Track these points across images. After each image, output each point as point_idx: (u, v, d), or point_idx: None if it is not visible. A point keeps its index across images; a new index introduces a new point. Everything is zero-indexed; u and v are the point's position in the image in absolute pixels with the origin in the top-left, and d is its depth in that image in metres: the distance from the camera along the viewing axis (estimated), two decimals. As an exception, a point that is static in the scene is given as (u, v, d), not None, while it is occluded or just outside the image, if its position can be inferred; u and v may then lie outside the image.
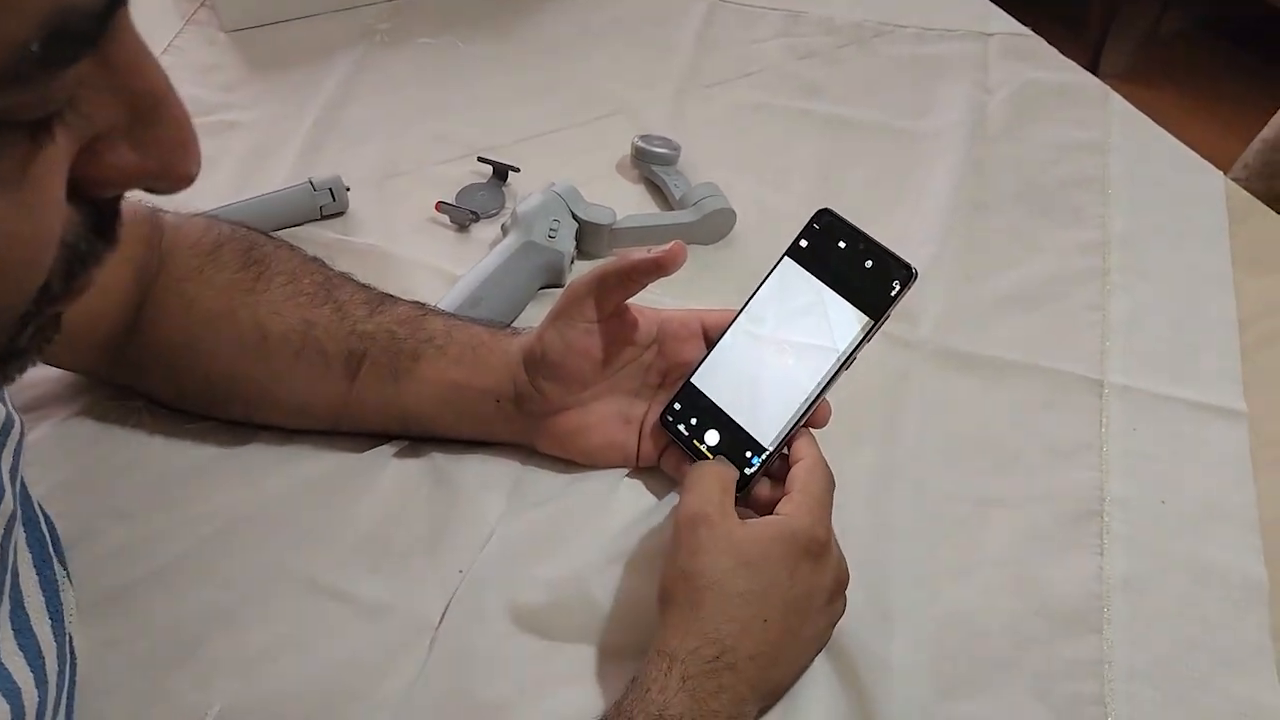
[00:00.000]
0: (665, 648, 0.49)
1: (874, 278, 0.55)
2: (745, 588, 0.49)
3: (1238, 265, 0.79)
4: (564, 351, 0.58)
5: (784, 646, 0.51)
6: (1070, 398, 0.70)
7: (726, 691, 0.48)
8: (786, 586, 0.50)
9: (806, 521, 0.51)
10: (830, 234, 0.57)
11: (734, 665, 0.48)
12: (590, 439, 0.61)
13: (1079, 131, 0.91)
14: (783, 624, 0.50)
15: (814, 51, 0.98)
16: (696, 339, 0.61)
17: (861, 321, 0.55)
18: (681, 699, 0.47)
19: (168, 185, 0.32)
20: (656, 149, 0.82)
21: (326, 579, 0.56)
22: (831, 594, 0.53)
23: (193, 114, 0.32)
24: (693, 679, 0.47)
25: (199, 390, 0.61)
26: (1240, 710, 0.55)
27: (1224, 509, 0.64)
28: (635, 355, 0.61)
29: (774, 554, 0.50)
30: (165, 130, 0.31)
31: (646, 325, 0.61)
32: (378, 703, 0.52)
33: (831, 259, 0.56)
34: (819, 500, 0.53)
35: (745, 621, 0.49)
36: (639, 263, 0.56)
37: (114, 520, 0.57)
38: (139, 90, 0.30)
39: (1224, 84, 2.18)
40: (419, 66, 0.93)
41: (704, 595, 0.49)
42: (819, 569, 0.52)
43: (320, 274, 0.62)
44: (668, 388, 0.62)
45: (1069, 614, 0.58)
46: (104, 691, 0.51)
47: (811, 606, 0.52)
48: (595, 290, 0.58)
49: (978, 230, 0.81)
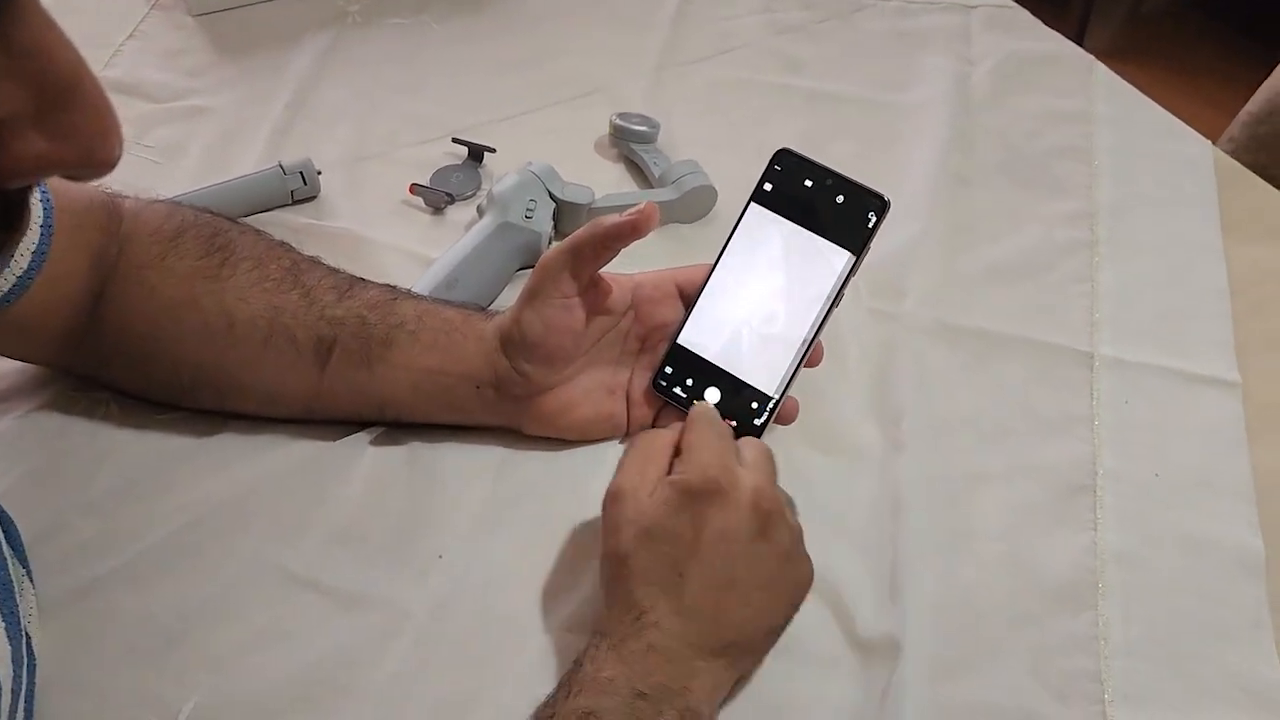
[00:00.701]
0: (599, 625, 0.49)
1: (847, 212, 0.54)
2: (653, 551, 0.49)
3: (1227, 233, 0.78)
4: (543, 331, 0.57)
5: (718, 597, 0.49)
6: (1060, 371, 0.68)
7: (657, 650, 0.47)
8: (692, 538, 0.49)
9: (695, 469, 0.50)
10: (794, 174, 0.56)
11: (658, 624, 0.48)
12: (577, 414, 0.60)
13: (1064, 102, 0.89)
14: (704, 575, 0.48)
15: (794, 26, 0.96)
16: (672, 299, 0.60)
17: (843, 258, 0.55)
18: (611, 661, 0.47)
19: (88, 173, 0.31)
20: (635, 127, 0.80)
21: (303, 569, 0.54)
22: (759, 529, 0.49)
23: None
24: (619, 644, 0.47)
25: (165, 380, 0.60)
26: (1238, 683, 0.54)
27: (1218, 480, 0.63)
28: (613, 324, 0.60)
29: (671, 510, 0.49)
30: (80, 116, 0.29)
31: (621, 292, 0.59)
32: (359, 693, 0.50)
33: (800, 199, 0.56)
34: (703, 445, 0.52)
35: (660, 583, 0.48)
36: (613, 227, 0.55)
37: (82, 514, 0.55)
38: (47, 75, 0.28)
39: (1208, 60, 2.17)
40: (391, 48, 0.91)
41: (620, 570, 0.49)
42: (725, 509, 0.49)
43: (287, 258, 0.60)
44: (648, 352, 0.61)
45: (1063, 590, 0.57)
46: (71, 691, 0.49)
47: (732, 549, 0.49)
48: (570, 263, 0.56)
49: (963, 203, 0.79)
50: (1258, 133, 1.19)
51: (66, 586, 0.52)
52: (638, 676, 0.46)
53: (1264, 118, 1.18)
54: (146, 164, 0.78)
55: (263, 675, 0.51)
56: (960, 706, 0.52)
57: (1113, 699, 0.53)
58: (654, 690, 0.46)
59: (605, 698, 0.45)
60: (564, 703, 0.46)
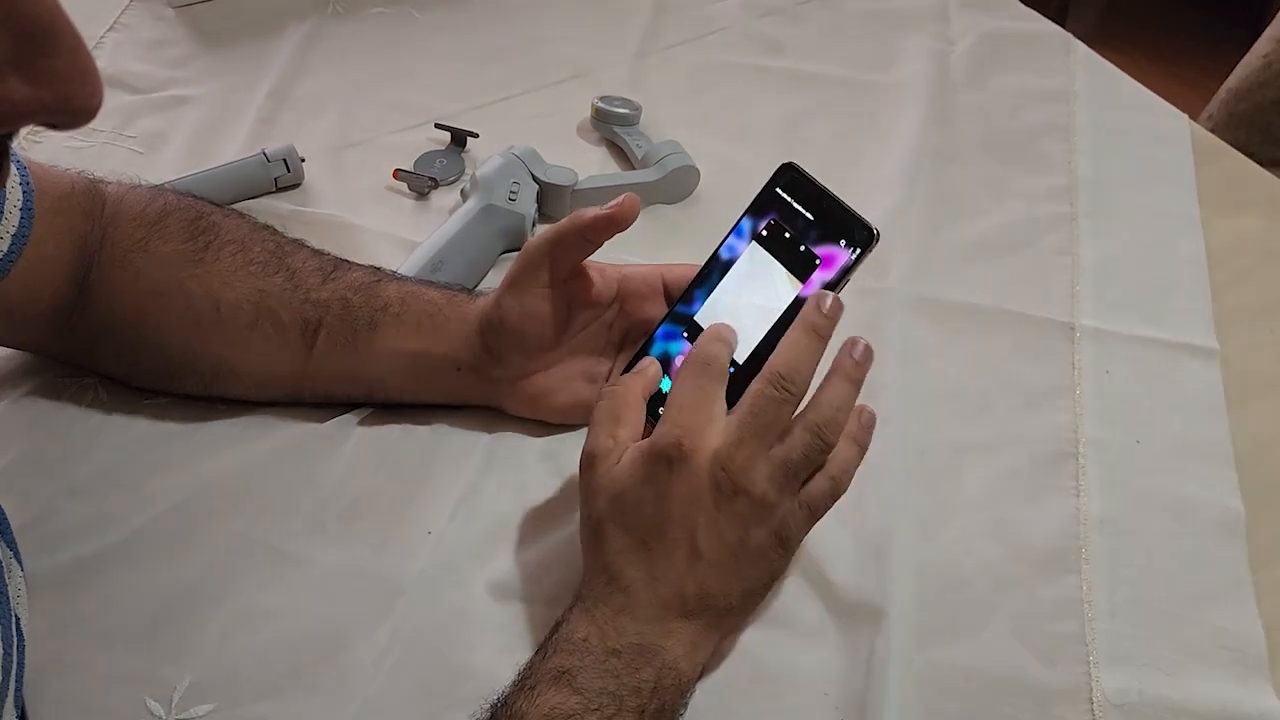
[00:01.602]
0: (577, 594, 0.50)
1: (838, 238, 0.52)
2: (621, 516, 0.49)
3: (1205, 205, 0.79)
4: (522, 318, 0.57)
5: (687, 562, 0.48)
6: (1042, 342, 0.69)
7: (627, 613, 0.48)
8: (654, 503, 0.48)
9: (661, 433, 0.49)
10: (794, 191, 0.54)
11: (628, 588, 0.48)
12: (557, 400, 0.60)
13: (1043, 79, 0.90)
14: (666, 541, 0.48)
15: (775, 9, 0.97)
16: (658, 296, 0.60)
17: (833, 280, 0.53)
18: (584, 623, 0.48)
19: (67, 119, 0.31)
20: (617, 109, 0.80)
21: (293, 546, 0.55)
22: (723, 494, 0.48)
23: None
24: (591, 607, 0.48)
25: (152, 365, 0.60)
26: (1221, 642, 0.55)
27: (1198, 446, 0.63)
28: (596, 315, 0.60)
29: (637, 476, 0.49)
30: (59, 60, 0.29)
31: (606, 284, 0.59)
32: (350, 668, 0.51)
33: (794, 218, 0.54)
34: (680, 401, 0.49)
35: (626, 548, 0.49)
36: (594, 219, 0.55)
37: (71, 496, 0.56)
38: (24, 18, 0.28)
39: (1187, 44, 2.19)
40: (373, 36, 0.91)
41: (594, 535, 0.50)
42: (685, 474, 0.48)
43: (271, 241, 0.60)
44: (631, 346, 0.61)
45: (1048, 556, 0.58)
46: (63, 671, 0.49)
47: (696, 514, 0.48)
48: (551, 253, 0.56)
49: (945, 179, 0.80)
50: (1236, 110, 1.20)
51: (56, 568, 0.53)
52: (610, 636, 0.47)
53: (1243, 95, 1.19)
54: (130, 154, 0.78)
55: (255, 652, 0.51)
56: (946, 671, 0.53)
57: (1098, 661, 0.54)
58: (627, 649, 0.47)
59: (578, 656, 0.46)
60: (540, 664, 0.46)
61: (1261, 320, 0.72)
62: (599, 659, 0.46)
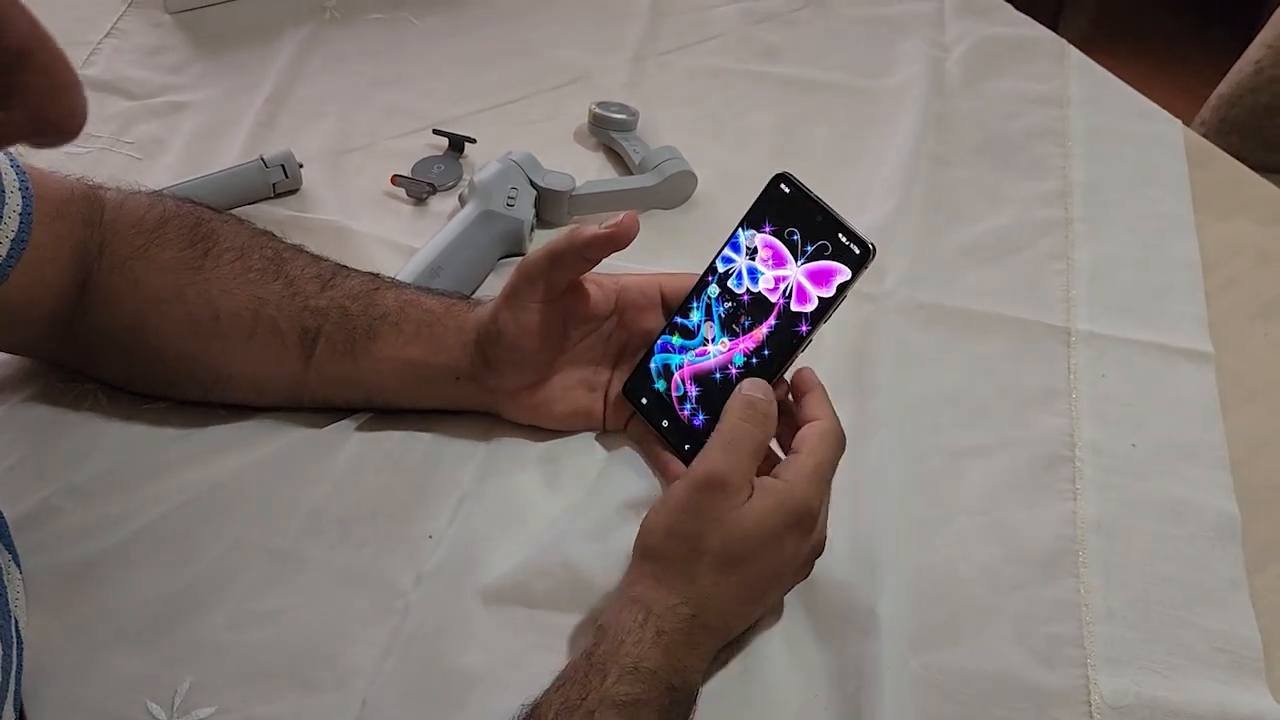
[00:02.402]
0: (641, 597, 0.48)
1: (833, 254, 0.52)
2: (736, 556, 0.49)
3: (1199, 210, 0.79)
4: (519, 332, 0.57)
5: (752, 604, 0.52)
6: (1038, 346, 0.69)
7: (698, 647, 0.49)
8: (772, 556, 0.50)
9: (806, 492, 0.50)
10: (788, 204, 0.54)
11: (708, 626, 0.49)
12: (554, 408, 0.60)
13: (1037, 85, 0.90)
14: (757, 588, 0.51)
15: (771, 15, 0.97)
16: (656, 308, 0.60)
17: (814, 302, 0.53)
18: (656, 653, 0.47)
19: (48, 140, 0.31)
20: (614, 115, 0.81)
21: (293, 549, 0.55)
22: (807, 560, 0.53)
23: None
24: (668, 634, 0.47)
25: (152, 371, 0.60)
26: (1217, 645, 0.55)
27: (1193, 449, 0.64)
28: (595, 327, 0.60)
29: (769, 525, 0.49)
30: (38, 82, 0.29)
31: (605, 296, 0.59)
32: (351, 671, 0.51)
33: (789, 231, 0.54)
34: (823, 468, 0.51)
35: (726, 585, 0.49)
36: (592, 238, 0.55)
37: (70, 499, 0.56)
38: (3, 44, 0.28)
39: (1179, 49, 2.19)
40: (370, 42, 0.91)
41: (697, 559, 0.48)
42: (804, 540, 0.51)
43: (270, 248, 0.60)
44: (630, 356, 0.61)
45: (1045, 558, 0.58)
46: (64, 674, 0.49)
47: (787, 573, 0.52)
48: (548, 270, 0.56)
49: (941, 184, 0.80)
50: (1228, 115, 1.20)
51: (55, 570, 0.53)
52: (676, 674, 0.47)
53: (1234, 100, 1.19)
54: (128, 160, 0.78)
55: (256, 654, 0.51)
56: (944, 674, 0.53)
57: (1095, 663, 0.54)
58: (682, 686, 0.48)
59: (645, 687, 0.46)
60: (600, 687, 0.45)
61: (1255, 323, 0.72)
62: (661, 694, 0.46)
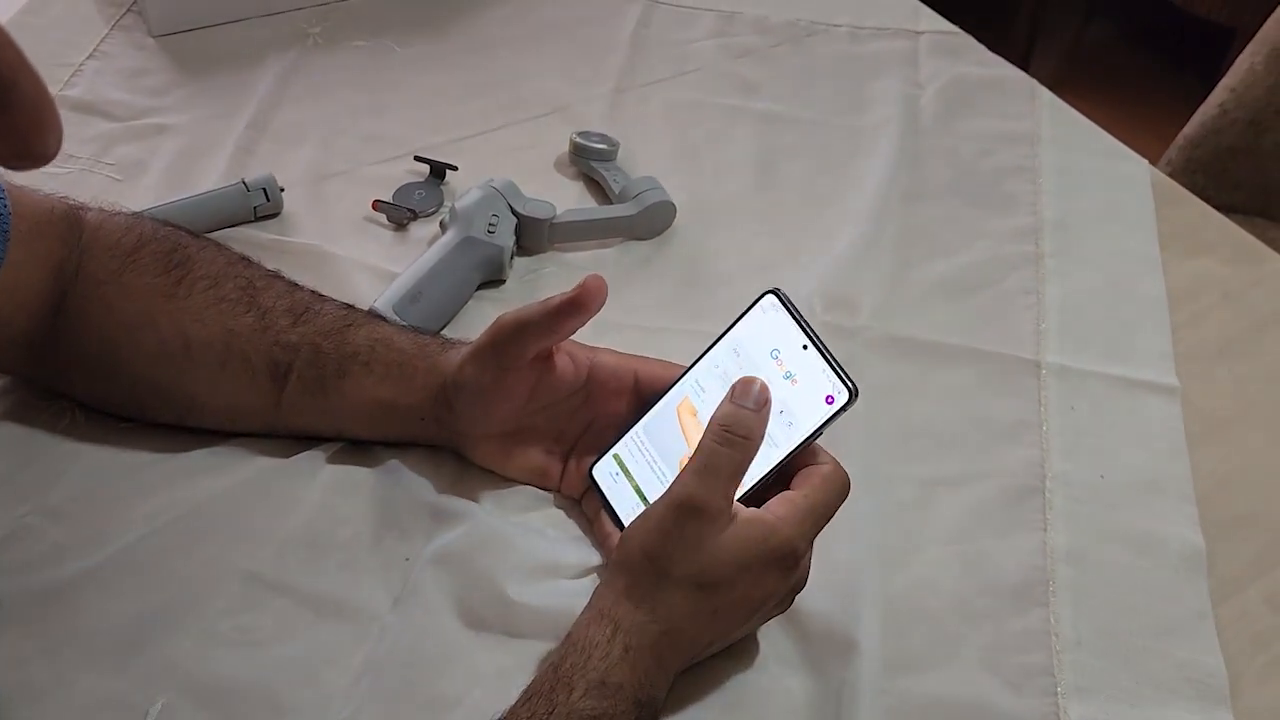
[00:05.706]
0: (611, 612, 0.49)
1: (813, 388, 0.51)
2: (710, 581, 0.49)
3: (1166, 248, 0.81)
4: (480, 390, 0.56)
5: (725, 634, 0.52)
6: (1009, 379, 0.71)
7: (665, 664, 0.49)
8: (747, 589, 0.50)
9: (793, 532, 0.49)
10: (775, 322, 0.53)
11: (676, 644, 0.49)
12: (513, 462, 0.60)
13: (1009, 123, 0.92)
14: (732, 618, 0.51)
15: (749, 50, 0.99)
16: (627, 393, 0.59)
17: (792, 437, 0.52)
18: (622, 669, 0.47)
19: (23, 165, 0.31)
20: (595, 144, 0.82)
21: (268, 573, 0.55)
22: (785, 598, 0.53)
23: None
24: (635, 650, 0.48)
25: (126, 395, 0.60)
26: (1184, 674, 0.56)
27: (1161, 481, 0.65)
28: (561, 398, 0.59)
29: (748, 558, 0.49)
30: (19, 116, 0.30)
31: (576, 371, 0.58)
32: (326, 694, 0.51)
33: (771, 353, 0.53)
34: (818, 511, 0.51)
35: (699, 611, 0.49)
36: (558, 305, 0.54)
37: (44, 519, 0.55)
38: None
39: (1146, 91, 2.24)
40: (353, 69, 0.92)
41: (668, 580, 0.49)
42: (784, 578, 0.51)
43: (244, 276, 0.60)
44: (593, 433, 0.60)
45: (1015, 588, 0.59)
46: (37, 695, 0.49)
47: (764, 608, 0.52)
48: (517, 335, 0.55)
49: (914, 219, 0.82)
50: (1193, 156, 1.23)
51: (28, 591, 0.52)
52: (643, 688, 0.48)
53: (1199, 141, 1.22)
54: (108, 181, 0.78)
55: (229, 678, 0.51)
56: (916, 701, 0.54)
57: (1065, 691, 0.55)
58: (648, 701, 0.48)
59: (613, 702, 0.46)
60: (567, 700, 0.46)
61: (1220, 360, 0.74)
62: (628, 709, 0.46)
